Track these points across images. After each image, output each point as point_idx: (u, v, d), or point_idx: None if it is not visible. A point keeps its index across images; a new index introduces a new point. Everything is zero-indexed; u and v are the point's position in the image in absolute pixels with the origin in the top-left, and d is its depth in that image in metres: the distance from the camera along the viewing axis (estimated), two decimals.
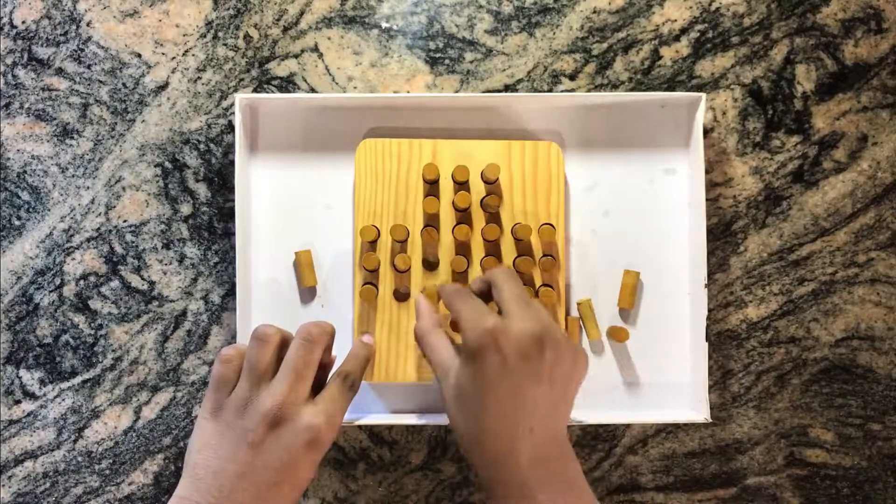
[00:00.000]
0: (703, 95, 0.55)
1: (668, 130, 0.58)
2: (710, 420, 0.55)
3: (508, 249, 0.56)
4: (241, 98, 0.55)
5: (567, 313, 0.57)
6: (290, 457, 0.45)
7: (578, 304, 0.57)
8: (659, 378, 0.58)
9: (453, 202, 0.55)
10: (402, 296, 0.56)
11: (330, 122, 0.58)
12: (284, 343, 0.49)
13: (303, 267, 0.57)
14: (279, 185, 0.58)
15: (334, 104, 0.57)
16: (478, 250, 0.56)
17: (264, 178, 0.58)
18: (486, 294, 0.50)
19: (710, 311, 0.58)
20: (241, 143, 0.56)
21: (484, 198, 0.55)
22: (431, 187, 0.56)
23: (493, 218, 0.56)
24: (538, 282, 0.55)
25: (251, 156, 0.58)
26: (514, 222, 0.55)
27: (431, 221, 0.56)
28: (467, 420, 0.45)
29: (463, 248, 0.56)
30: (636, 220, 0.58)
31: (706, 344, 0.55)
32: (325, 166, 0.58)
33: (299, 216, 0.58)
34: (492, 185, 0.56)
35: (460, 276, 0.55)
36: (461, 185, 0.56)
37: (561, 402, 0.46)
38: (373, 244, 0.55)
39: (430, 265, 0.56)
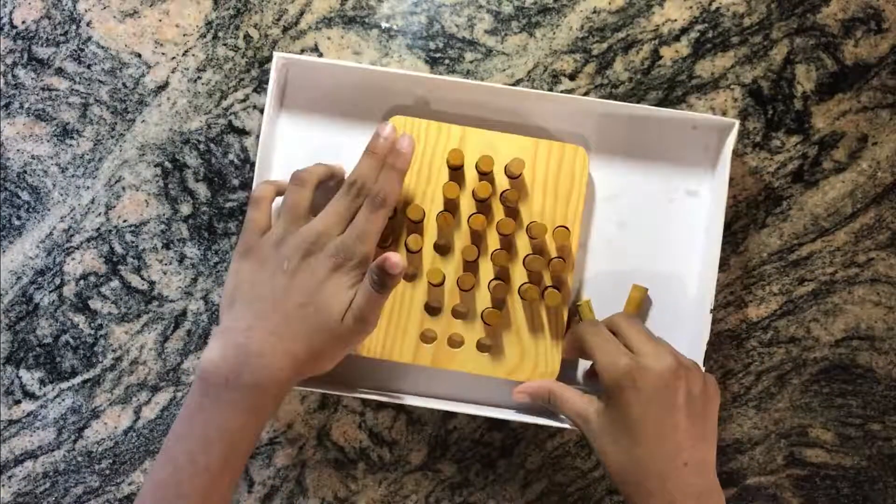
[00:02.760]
0: (737, 123, 0.54)
1: (696, 151, 0.57)
2: None
3: (522, 246, 0.55)
4: (279, 57, 0.54)
5: (572, 315, 0.57)
6: (316, 279, 0.48)
7: (578, 305, 0.57)
8: None
9: (473, 191, 0.55)
10: (409, 276, 0.55)
11: (360, 95, 0.57)
12: (321, 183, 0.52)
13: None
14: (302, 146, 0.57)
15: (368, 77, 0.56)
16: (491, 242, 0.55)
17: (289, 139, 0.57)
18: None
19: (710, 309, 0.58)
20: (273, 99, 0.55)
21: (504, 191, 0.55)
22: (454, 173, 0.56)
23: (511, 212, 0.55)
24: (546, 282, 0.55)
25: (279, 113, 0.57)
26: (530, 220, 0.55)
27: (449, 207, 0.55)
28: (619, 457, 0.48)
29: (476, 238, 0.55)
30: (651, 237, 0.57)
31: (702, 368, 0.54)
32: (348, 138, 0.57)
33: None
34: (514, 179, 0.55)
35: (470, 264, 0.55)
36: (484, 176, 0.55)
37: (704, 434, 0.48)
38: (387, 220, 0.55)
39: (442, 250, 0.55)
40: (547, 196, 0.55)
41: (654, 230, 0.57)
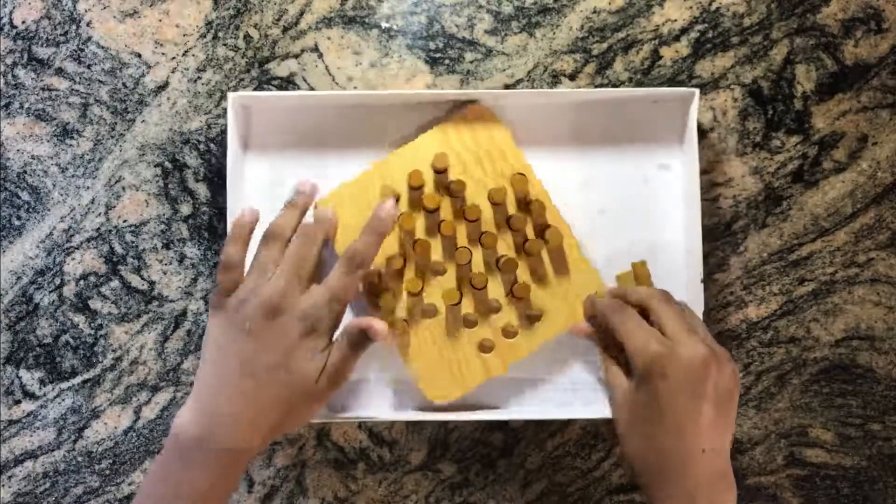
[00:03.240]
0: (696, 91, 0.55)
1: (662, 126, 0.58)
2: None
3: (497, 219, 0.56)
4: (234, 97, 0.55)
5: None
6: (287, 342, 0.47)
7: (634, 265, 0.57)
8: None
9: (424, 207, 0.55)
10: (431, 312, 0.55)
11: (326, 119, 0.57)
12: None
13: None
14: (272, 183, 0.57)
15: (330, 102, 0.57)
16: (470, 235, 0.56)
17: (259, 178, 0.57)
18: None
19: (710, 309, 0.58)
20: (235, 142, 0.55)
21: (448, 186, 0.55)
22: (399, 204, 0.56)
23: (466, 199, 0.56)
24: (532, 233, 0.55)
25: (245, 154, 0.57)
26: (486, 192, 0.55)
27: (415, 234, 0.56)
28: (640, 439, 0.48)
29: (455, 241, 0.56)
30: (632, 217, 0.58)
31: None
32: (317, 163, 0.57)
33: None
34: (445, 172, 0.56)
35: (466, 267, 0.55)
36: (420, 189, 0.56)
37: (724, 421, 0.48)
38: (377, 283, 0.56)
39: (439, 272, 0.56)
40: (484, 164, 0.55)
41: (634, 210, 0.58)
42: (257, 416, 0.47)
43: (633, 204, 0.58)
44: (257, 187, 0.57)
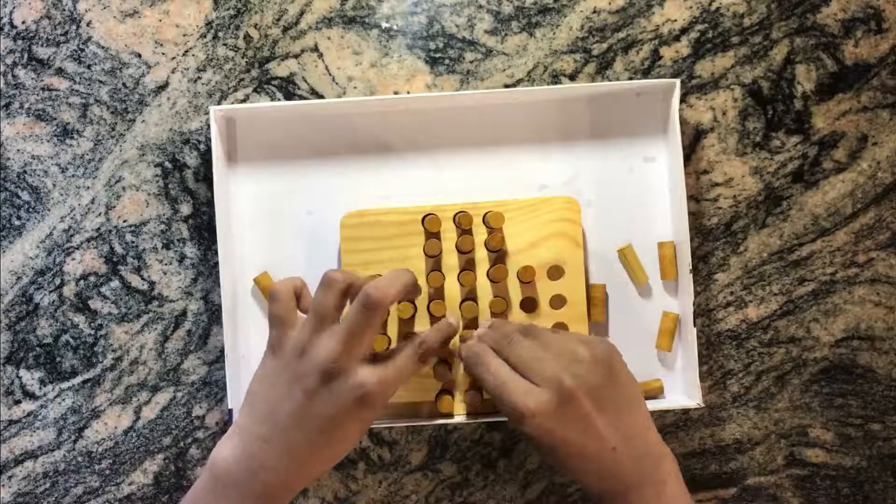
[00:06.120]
0: (677, 81, 0.55)
1: (646, 119, 0.58)
2: (703, 405, 0.55)
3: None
4: (216, 110, 0.55)
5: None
6: (339, 411, 0.46)
7: (661, 244, 0.58)
8: (649, 368, 0.58)
9: (456, 246, 0.56)
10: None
11: (308, 129, 0.58)
12: (352, 288, 0.48)
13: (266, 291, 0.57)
14: (260, 194, 0.58)
15: (310, 112, 0.57)
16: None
17: (245, 189, 0.58)
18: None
19: (710, 310, 0.58)
20: (219, 155, 0.56)
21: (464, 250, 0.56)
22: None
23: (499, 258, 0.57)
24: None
25: (231, 166, 0.58)
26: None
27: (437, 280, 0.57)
28: (560, 467, 0.49)
29: (471, 292, 0.57)
30: (619, 210, 0.58)
31: (694, 329, 0.55)
32: (304, 173, 0.58)
33: (282, 224, 0.58)
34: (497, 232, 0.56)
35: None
36: (464, 232, 0.56)
37: (619, 408, 0.46)
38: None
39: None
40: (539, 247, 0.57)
41: (621, 202, 0.58)
42: (301, 469, 0.47)
43: (620, 196, 0.58)
44: (245, 200, 0.58)
